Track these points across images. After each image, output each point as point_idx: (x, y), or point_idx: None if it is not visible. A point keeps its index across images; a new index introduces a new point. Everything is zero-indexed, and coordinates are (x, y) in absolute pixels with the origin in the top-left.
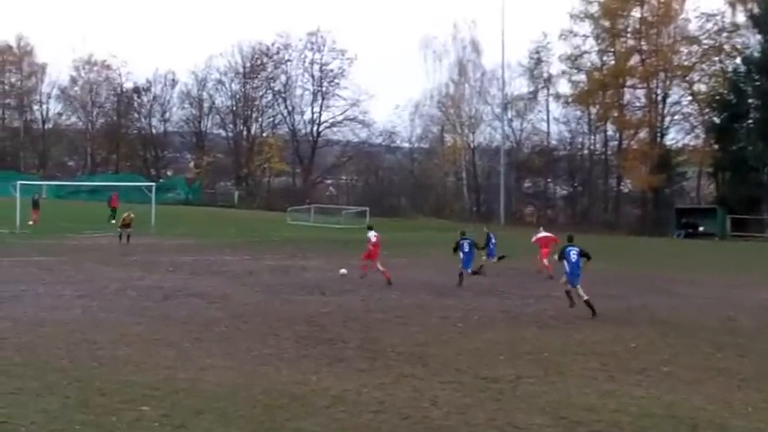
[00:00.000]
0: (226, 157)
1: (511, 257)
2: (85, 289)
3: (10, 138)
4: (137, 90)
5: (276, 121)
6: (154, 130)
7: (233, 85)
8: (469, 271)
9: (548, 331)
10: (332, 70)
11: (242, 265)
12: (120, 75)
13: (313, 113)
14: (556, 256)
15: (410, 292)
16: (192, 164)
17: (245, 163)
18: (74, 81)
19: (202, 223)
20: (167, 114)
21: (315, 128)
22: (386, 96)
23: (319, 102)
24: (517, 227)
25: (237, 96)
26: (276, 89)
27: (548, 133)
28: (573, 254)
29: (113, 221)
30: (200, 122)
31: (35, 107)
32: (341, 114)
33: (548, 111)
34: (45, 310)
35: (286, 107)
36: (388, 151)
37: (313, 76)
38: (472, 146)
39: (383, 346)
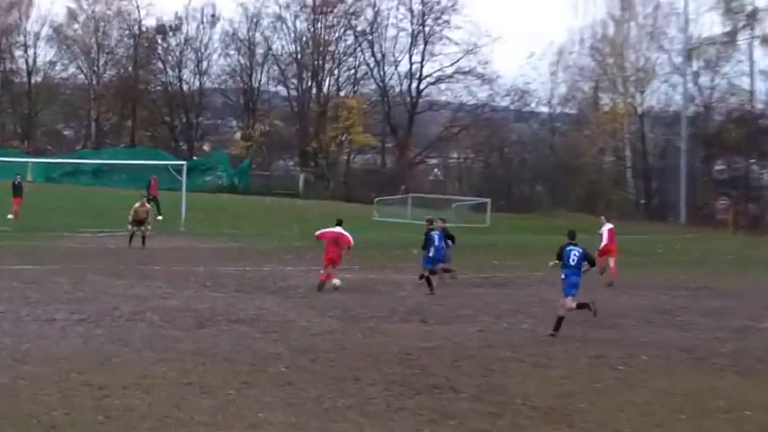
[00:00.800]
0: (287, 126)
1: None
2: (87, 311)
3: None
4: (161, 30)
5: (359, 75)
6: (185, 87)
7: (298, 23)
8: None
9: (751, 380)
10: (438, 2)
11: (309, 278)
12: (137, 8)
13: (411, 64)
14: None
15: (548, 319)
16: (238, 135)
17: (313, 134)
18: (72, 16)
19: (253, 219)
20: (204, 65)
21: (414, 85)
22: (516, 40)
23: (420, 47)
24: (705, 227)
25: (304, 39)
26: (359, 29)
27: (751, 93)
28: (574, 255)
29: (160, 217)
30: (250, 76)
31: (17, 53)
32: (451, 65)
33: (751, 61)
34: (30, 340)
35: (373, 55)
36: (519, 118)
37: (412, 11)
38: (640, 111)
39: (510, 396)
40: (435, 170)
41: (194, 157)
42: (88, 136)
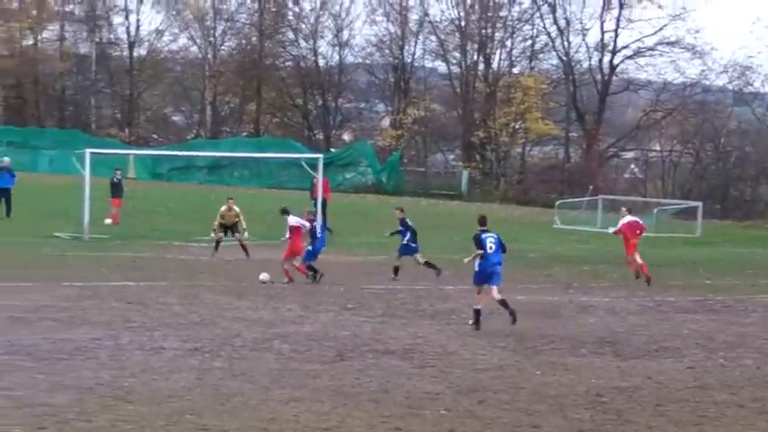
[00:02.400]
0: (447, 111)
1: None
2: (202, 338)
3: (74, 74)
4: None
5: (537, 48)
6: (322, 62)
7: None
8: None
9: None
10: None
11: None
12: None
13: (603, 33)
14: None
15: None
16: (386, 121)
17: (480, 121)
18: None
19: None
20: (346, 34)
21: (606, 59)
22: (734, 3)
23: (615, 12)
24: None
25: (469, 2)
26: None
27: None
28: (490, 241)
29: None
30: (402, 49)
31: (116, 20)
32: (653, 35)
33: None
34: (133, 373)
35: (555, 22)
36: (739, 102)
37: None
38: None
39: None
40: (632, 166)
41: (332, 150)
42: (202, 123)
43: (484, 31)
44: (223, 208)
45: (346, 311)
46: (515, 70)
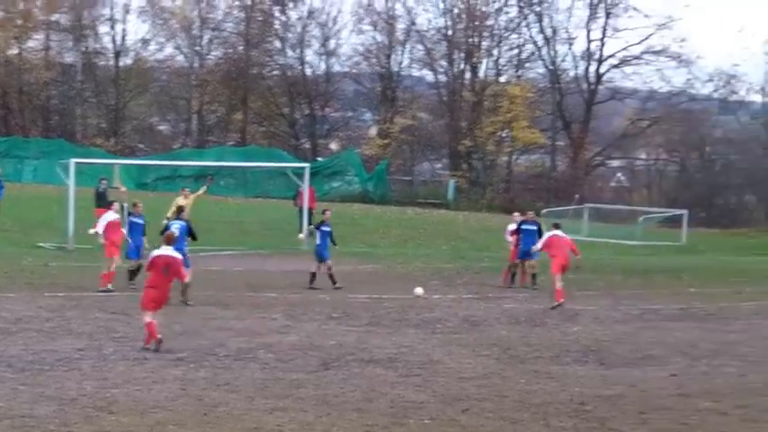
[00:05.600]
0: (434, 120)
1: None
2: (186, 349)
3: (59, 83)
4: (279, 0)
5: (523, 56)
6: (308, 71)
7: None
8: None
9: None
10: None
11: (460, 308)
12: None
13: (589, 42)
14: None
15: (761, 361)
16: (373, 130)
17: (467, 129)
18: None
19: (391, 234)
20: (333, 43)
21: (592, 68)
22: (721, 11)
23: (601, 21)
24: None
25: (456, 11)
26: None
27: None
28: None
29: (302, 235)
30: (389, 57)
31: (102, 29)
32: (639, 44)
33: None
34: (116, 384)
35: (541, 31)
36: (725, 110)
37: None
38: None
39: None
40: (618, 175)
41: (319, 159)
42: (188, 132)
43: (470, 39)
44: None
45: (331, 321)
46: (502, 79)
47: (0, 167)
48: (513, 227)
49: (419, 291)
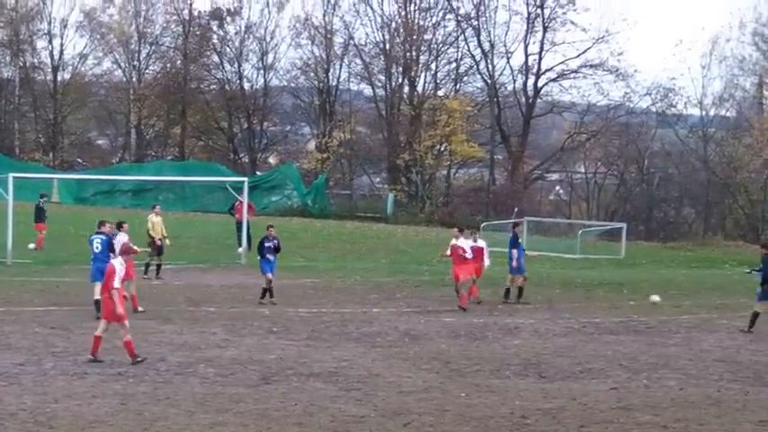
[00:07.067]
0: (372, 134)
1: None
2: (126, 363)
3: None
4: (217, 14)
5: (461, 70)
6: (247, 85)
7: (386, 4)
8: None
9: None
10: None
11: (400, 322)
12: None
13: (527, 56)
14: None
15: (700, 375)
16: (312, 144)
17: (405, 143)
18: None
19: (330, 248)
20: (270, 58)
21: (530, 82)
22: (658, 25)
23: (539, 35)
24: None
25: (393, 25)
26: (462, 12)
27: None
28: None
29: (241, 249)
30: (327, 72)
31: (40, 44)
32: (577, 57)
33: None
34: (56, 399)
35: (479, 45)
36: (662, 124)
37: None
38: None
39: None
40: (557, 188)
41: (258, 173)
42: (127, 147)
43: (408, 54)
44: (151, 220)
45: (271, 335)
46: (440, 93)
47: None
48: (455, 242)
49: (656, 298)
